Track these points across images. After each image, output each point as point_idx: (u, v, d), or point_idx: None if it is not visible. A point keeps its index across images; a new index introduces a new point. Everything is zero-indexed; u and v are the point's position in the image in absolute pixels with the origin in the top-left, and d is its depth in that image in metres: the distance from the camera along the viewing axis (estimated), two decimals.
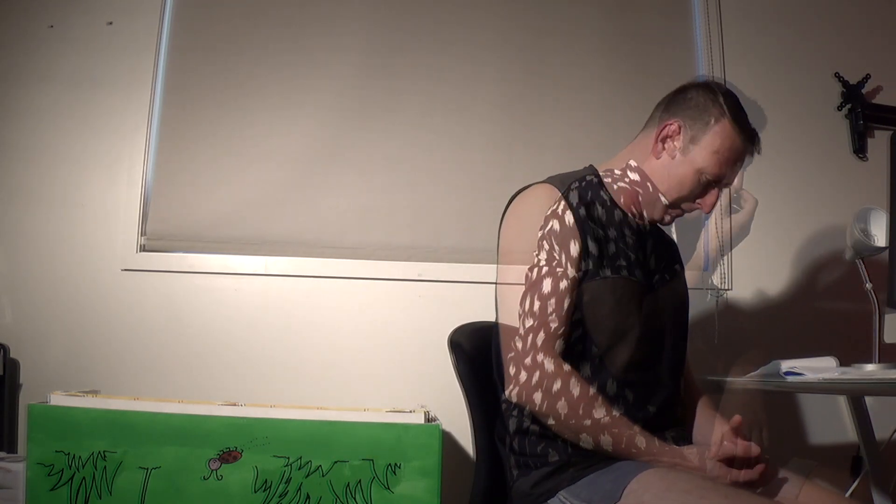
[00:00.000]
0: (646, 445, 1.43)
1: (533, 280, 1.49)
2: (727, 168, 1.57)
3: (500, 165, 2.35)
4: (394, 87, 2.38)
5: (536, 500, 1.46)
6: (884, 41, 2.52)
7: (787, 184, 2.43)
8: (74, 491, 1.59)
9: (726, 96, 1.58)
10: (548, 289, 1.48)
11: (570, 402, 1.43)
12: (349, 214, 2.32)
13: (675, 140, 1.58)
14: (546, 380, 1.43)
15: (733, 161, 1.57)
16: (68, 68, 2.33)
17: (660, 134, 1.59)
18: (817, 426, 2.34)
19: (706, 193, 1.60)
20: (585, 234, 1.52)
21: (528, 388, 1.45)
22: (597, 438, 1.43)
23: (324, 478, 1.61)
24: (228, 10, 2.39)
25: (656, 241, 1.66)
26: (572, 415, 1.43)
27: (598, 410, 1.43)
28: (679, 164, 1.57)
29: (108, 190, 2.30)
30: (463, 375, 1.64)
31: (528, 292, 1.49)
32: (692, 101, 1.58)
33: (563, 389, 1.43)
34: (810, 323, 2.34)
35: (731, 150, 1.56)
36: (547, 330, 1.46)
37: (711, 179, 1.57)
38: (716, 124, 1.55)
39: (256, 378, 2.22)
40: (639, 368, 1.52)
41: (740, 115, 1.58)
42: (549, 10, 2.45)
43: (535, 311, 1.47)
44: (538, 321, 1.46)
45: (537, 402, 1.44)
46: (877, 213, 1.85)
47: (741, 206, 2.34)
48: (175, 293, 2.26)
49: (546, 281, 1.48)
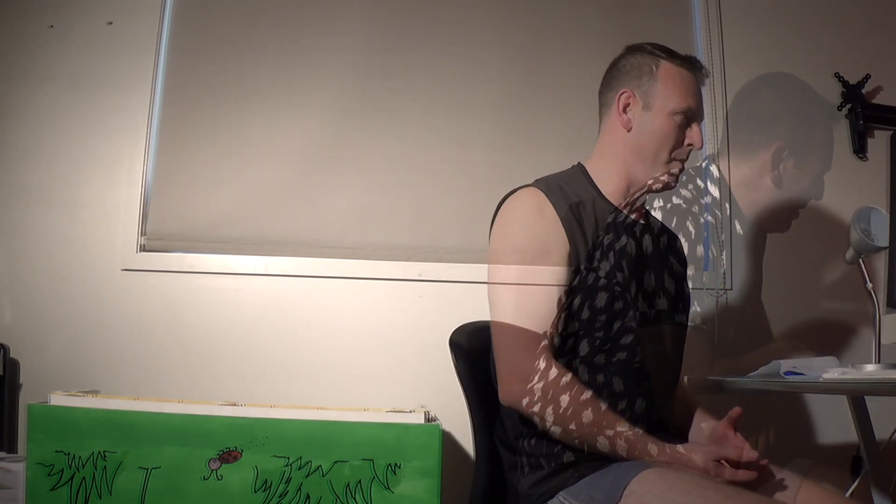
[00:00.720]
0: (634, 440, 1.43)
1: (516, 285, 1.50)
2: (691, 98, 1.61)
3: (501, 165, 2.35)
4: (394, 87, 2.38)
5: (536, 500, 1.46)
6: (884, 41, 2.52)
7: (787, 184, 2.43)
8: (74, 491, 1.58)
9: (650, 45, 1.66)
10: (533, 293, 1.49)
11: (562, 405, 1.43)
12: (349, 214, 2.32)
13: (634, 104, 1.62)
14: (535, 383, 1.44)
15: (692, 90, 1.62)
16: (68, 68, 2.33)
17: (618, 107, 1.63)
18: (817, 426, 2.34)
19: (689, 133, 1.62)
20: (573, 236, 1.52)
21: (516, 391, 1.46)
22: (592, 440, 1.43)
23: (324, 478, 1.61)
24: (228, 10, 2.39)
25: (654, 238, 1.66)
26: (562, 417, 1.43)
27: (588, 412, 1.43)
28: (651, 120, 1.61)
29: (108, 190, 2.29)
30: (463, 375, 1.65)
31: (513, 296, 1.51)
32: (626, 66, 1.65)
33: (554, 393, 1.43)
34: (810, 323, 2.34)
35: (683, 80, 1.61)
36: (531, 336, 1.47)
37: (684, 115, 1.60)
38: (658, 69, 1.62)
39: (256, 378, 2.22)
40: (634, 370, 1.52)
41: (670, 51, 1.65)
42: (549, 11, 2.45)
43: (521, 315, 1.48)
44: (525, 325, 1.47)
45: (523, 405, 1.45)
46: (877, 213, 1.85)
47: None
48: (175, 293, 2.26)
49: (529, 287, 1.49)
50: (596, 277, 1.52)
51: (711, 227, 2.41)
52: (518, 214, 1.58)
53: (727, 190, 2.41)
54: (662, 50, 1.65)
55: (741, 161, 2.35)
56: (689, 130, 1.62)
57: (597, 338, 1.51)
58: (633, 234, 1.61)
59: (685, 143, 1.62)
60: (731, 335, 2.33)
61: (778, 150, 2.27)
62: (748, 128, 2.39)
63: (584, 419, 1.43)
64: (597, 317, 1.51)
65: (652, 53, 1.63)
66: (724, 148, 2.40)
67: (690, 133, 1.62)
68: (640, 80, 1.62)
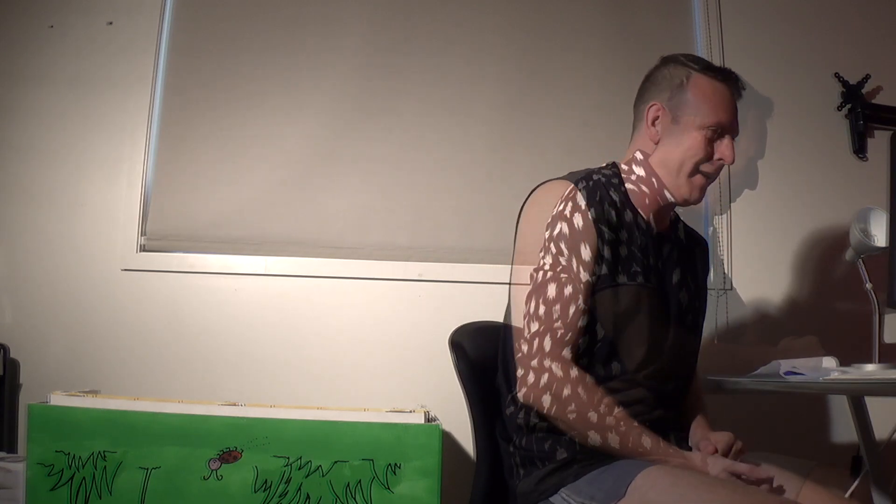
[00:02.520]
0: (651, 445, 1.43)
1: (538, 283, 1.49)
2: (722, 112, 1.56)
3: (500, 166, 2.36)
4: (394, 88, 2.38)
5: (539, 497, 1.46)
6: (884, 41, 2.52)
7: (787, 184, 2.43)
8: (74, 491, 1.59)
9: (684, 56, 1.62)
10: (553, 294, 1.47)
11: (580, 407, 1.42)
12: (349, 214, 2.32)
13: (663, 116, 1.59)
14: (555, 384, 1.43)
15: (724, 103, 1.57)
16: (68, 68, 2.33)
17: (647, 120, 1.61)
18: (817, 426, 2.34)
19: (718, 148, 1.58)
20: (597, 236, 1.51)
21: (535, 391, 1.45)
22: (605, 437, 1.43)
23: (324, 478, 1.61)
24: (228, 10, 2.39)
25: (674, 244, 1.65)
26: (581, 419, 1.43)
27: (607, 412, 1.43)
28: (680, 133, 1.57)
29: (108, 190, 2.30)
30: (463, 375, 1.64)
31: (532, 294, 1.49)
32: (659, 77, 1.62)
33: (572, 394, 1.43)
34: (810, 323, 2.34)
35: (715, 94, 1.57)
36: (553, 335, 1.45)
37: (715, 129, 1.56)
38: (689, 81, 1.58)
39: (256, 378, 2.22)
40: (651, 373, 1.52)
41: (705, 63, 1.60)
42: (548, 11, 2.45)
43: (540, 315, 1.46)
44: (544, 326, 1.46)
45: (546, 406, 1.45)
46: (877, 213, 1.85)
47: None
48: (175, 293, 2.26)
49: (551, 286, 1.47)
50: (616, 281, 1.51)
51: (712, 229, 2.41)
52: (546, 207, 1.54)
53: (728, 191, 2.41)
54: (696, 61, 1.61)
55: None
56: (718, 144, 1.57)
57: (618, 342, 1.51)
58: (657, 239, 1.60)
59: (715, 157, 1.58)
60: (731, 335, 2.34)
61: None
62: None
63: (599, 419, 1.42)
64: (618, 323, 1.50)
65: (684, 65, 1.60)
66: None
67: (720, 147, 1.57)
68: (670, 92, 1.59)
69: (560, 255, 1.49)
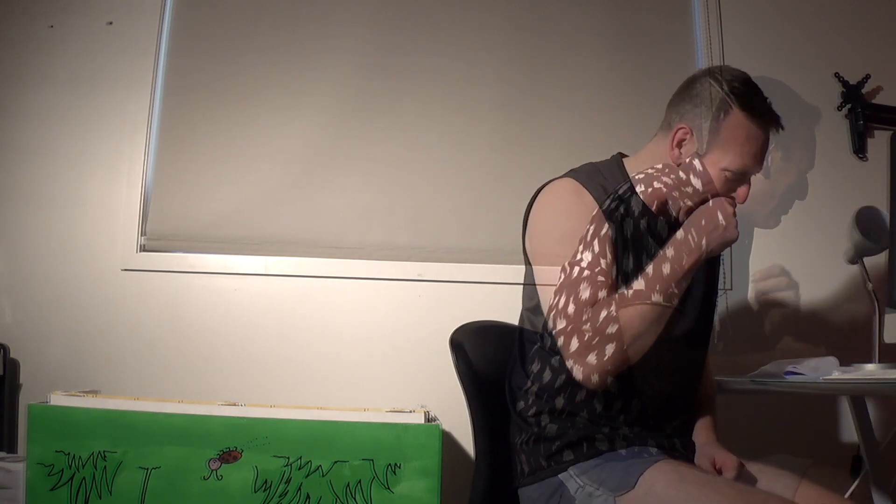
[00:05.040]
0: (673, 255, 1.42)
1: (572, 279, 1.43)
2: (750, 159, 1.49)
3: (500, 165, 2.36)
4: (394, 88, 2.38)
5: (548, 473, 1.47)
6: (884, 41, 2.52)
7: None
8: (74, 491, 1.59)
9: (732, 83, 1.50)
10: (586, 296, 1.41)
11: (606, 325, 1.40)
12: (349, 214, 2.32)
13: (689, 143, 1.52)
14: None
15: (754, 151, 1.49)
16: (68, 68, 2.33)
17: (673, 139, 1.53)
18: (817, 426, 2.34)
19: (737, 188, 1.51)
20: (625, 245, 1.49)
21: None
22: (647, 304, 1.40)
23: (324, 478, 1.61)
24: (229, 11, 2.39)
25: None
26: (622, 330, 1.40)
27: (621, 301, 1.41)
28: (700, 166, 1.50)
29: (108, 190, 2.29)
30: (464, 375, 1.64)
31: (563, 289, 1.43)
32: (698, 97, 1.51)
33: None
34: (810, 323, 2.34)
35: (748, 141, 1.47)
36: (581, 338, 1.41)
37: (737, 174, 1.50)
38: (726, 118, 1.48)
39: (256, 378, 2.22)
40: (661, 378, 1.52)
41: (751, 100, 1.49)
42: (548, 11, 2.45)
43: (569, 314, 1.41)
44: (573, 326, 1.41)
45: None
46: (877, 213, 1.85)
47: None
48: (175, 293, 2.26)
49: (583, 285, 1.42)
50: (624, 274, 1.48)
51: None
52: (558, 204, 1.53)
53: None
54: (742, 94, 1.48)
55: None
56: (738, 187, 1.50)
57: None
58: (660, 236, 1.55)
59: (729, 193, 1.51)
60: (731, 335, 2.33)
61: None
62: None
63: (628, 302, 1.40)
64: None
65: (728, 93, 1.47)
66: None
67: (738, 191, 1.50)
68: (703, 119, 1.48)
69: (600, 257, 1.44)
